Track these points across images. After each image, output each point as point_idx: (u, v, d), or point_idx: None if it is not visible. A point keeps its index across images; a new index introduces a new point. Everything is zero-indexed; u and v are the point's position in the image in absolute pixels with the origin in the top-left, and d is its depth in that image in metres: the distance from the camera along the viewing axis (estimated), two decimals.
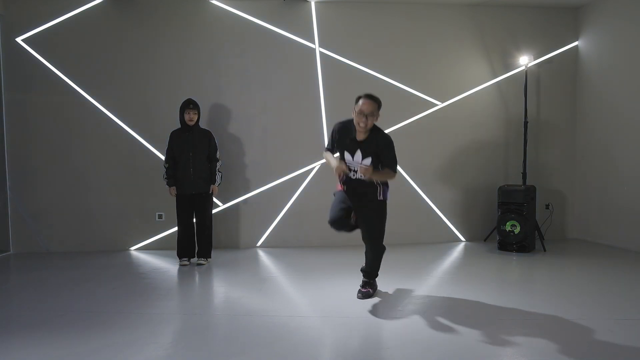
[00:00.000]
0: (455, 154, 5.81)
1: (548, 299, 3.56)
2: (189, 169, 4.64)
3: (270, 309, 3.40)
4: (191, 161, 4.64)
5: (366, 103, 3.28)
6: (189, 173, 4.64)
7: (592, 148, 5.77)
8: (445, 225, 5.86)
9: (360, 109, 3.27)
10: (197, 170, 4.67)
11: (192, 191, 4.68)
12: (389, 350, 2.69)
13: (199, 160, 4.67)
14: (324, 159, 3.67)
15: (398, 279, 4.12)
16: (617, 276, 4.19)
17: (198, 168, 4.67)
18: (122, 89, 5.39)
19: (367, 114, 3.26)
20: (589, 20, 5.78)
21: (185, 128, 4.68)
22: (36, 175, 5.35)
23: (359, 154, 3.36)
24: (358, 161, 3.36)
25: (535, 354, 2.60)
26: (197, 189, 4.69)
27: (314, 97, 5.60)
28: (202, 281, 4.22)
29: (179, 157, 4.66)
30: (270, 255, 5.23)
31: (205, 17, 5.46)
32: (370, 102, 3.30)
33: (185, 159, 4.64)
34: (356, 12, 5.62)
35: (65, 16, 5.29)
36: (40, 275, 4.39)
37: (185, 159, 4.64)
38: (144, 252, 5.37)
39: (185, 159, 4.64)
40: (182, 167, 4.65)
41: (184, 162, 4.64)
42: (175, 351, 2.68)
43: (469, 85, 5.80)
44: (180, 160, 4.66)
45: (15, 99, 5.29)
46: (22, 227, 5.36)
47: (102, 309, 3.41)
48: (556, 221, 5.94)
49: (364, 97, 3.31)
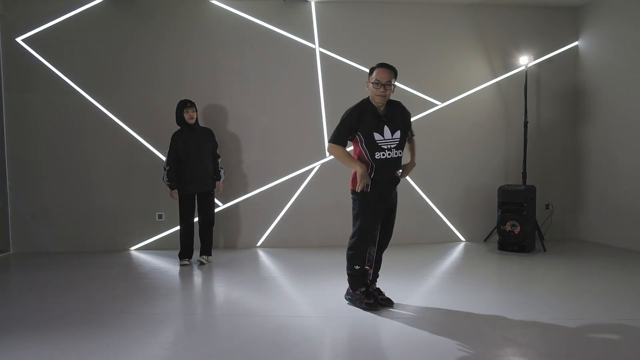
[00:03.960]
0: (455, 154, 5.80)
1: (548, 299, 3.56)
2: (196, 168, 4.62)
3: (270, 309, 3.40)
4: (198, 160, 4.63)
5: (382, 71, 3.11)
6: (197, 172, 4.63)
7: (592, 148, 5.76)
8: (445, 225, 5.85)
9: (377, 79, 3.10)
10: (205, 168, 4.68)
11: (200, 190, 4.69)
12: (389, 350, 2.69)
13: (206, 158, 4.68)
14: (336, 156, 3.24)
15: (398, 279, 4.12)
16: (617, 276, 4.18)
17: (205, 166, 4.68)
18: (122, 89, 5.39)
19: (385, 83, 3.09)
20: (589, 20, 5.78)
21: (187, 128, 4.65)
22: (36, 176, 5.35)
23: (387, 131, 3.16)
24: (389, 137, 3.15)
25: (535, 354, 2.60)
26: (205, 187, 4.70)
27: (314, 97, 5.60)
28: (202, 281, 4.23)
29: (186, 157, 4.61)
30: (270, 255, 5.23)
31: (205, 17, 5.46)
32: (387, 70, 3.13)
33: (193, 158, 4.61)
34: (356, 12, 5.62)
35: (66, 16, 5.29)
36: (40, 275, 4.39)
37: (193, 159, 4.61)
38: (144, 252, 5.37)
39: (193, 159, 4.61)
40: (190, 167, 4.61)
41: (191, 161, 4.61)
42: (175, 351, 2.68)
43: (469, 85, 5.80)
44: (187, 160, 4.62)
45: (15, 99, 5.29)
46: (22, 227, 5.36)
47: (102, 309, 3.41)
48: (556, 221, 5.94)
49: (378, 66, 3.14)
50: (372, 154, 3.16)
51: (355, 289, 3.30)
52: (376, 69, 3.15)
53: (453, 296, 3.65)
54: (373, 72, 3.16)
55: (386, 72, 3.12)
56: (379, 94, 3.11)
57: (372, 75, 3.16)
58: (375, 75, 3.12)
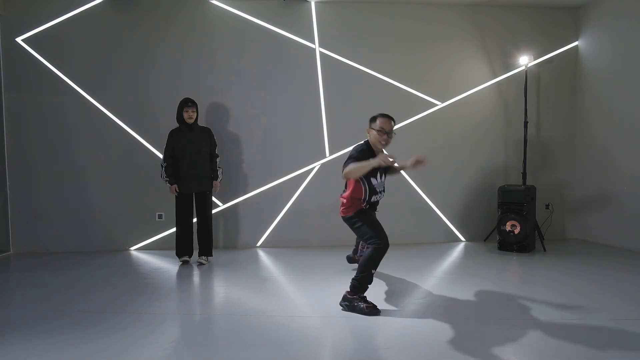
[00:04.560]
0: (455, 154, 5.80)
1: (548, 299, 3.56)
2: (192, 167, 4.62)
3: (270, 309, 3.40)
4: (194, 159, 4.63)
5: (386, 121, 3.35)
6: (192, 171, 4.62)
7: (592, 148, 5.77)
8: (445, 225, 5.86)
9: (382, 127, 3.33)
10: (201, 168, 4.66)
11: (195, 190, 4.69)
12: (389, 350, 2.69)
13: (202, 158, 4.67)
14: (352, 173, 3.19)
15: (398, 279, 4.12)
16: (617, 276, 4.19)
17: (201, 166, 4.67)
18: (122, 89, 5.39)
19: (388, 131, 3.33)
20: (589, 20, 5.78)
21: (185, 126, 4.66)
22: (36, 175, 5.35)
23: (380, 175, 3.45)
24: (381, 181, 3.47)
25: (535, 354, 2.60)
26: (201, 187, 4.69)
27: (314, 97, 5.60)
28: (202, 281, 4.22)
29: (181, 155, 4.63)
30: (270, 255, 5.23)
31: (205, 17, 5.46)
32: (389, 120, 3.37)
33: (189, 157, 4.62)
34: (356, 12, 5.62)
35: (65, 16, 5.29)
36: (40, 275, 4.39)
37: (188, 158, 4.61)
38: (144, 252, 5.37)
39: (189, 158, 4.62)
40: (185, 166, 4.62)
41: (187, 160, 4.62)
42: (175, 351, 2.68)
43: (469, 85, 5.80)
44: (182, 158, 4.62)
45: (15, 99, 5.29)
46: (22, 227, 5.36)
47: (102, 309, 3.41)
48: (556, 221, 5.94)
49: (381, 116, 3.37)
50: (370, 196, 3.40)
51: (357, 292, 3.30)
52: (379, 118, 3.36)
53: (453, 296, 3.65)
54: (376, 121, 3.36)
55: (389, 121, 3.36)
56: (383, 142, 3.34)
57: (376, 123, 3.36)
58: (380, 124, 3.34)
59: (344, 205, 3.45)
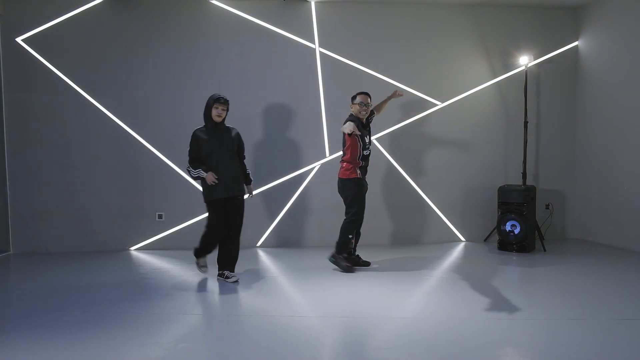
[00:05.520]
0: (455, 154, 5.80)
1: (548, 299, 3.56)
2: (222, 170, 4.02)
3: (270, 309, 3.40)
4: (224, 162, 4.05)
5: (364, 96, 4.43)
6: (222, 174, 4.01)
7: (592, 148, 5.77)
8: (445, 225, 5.85)
9: (361, 101, 4.40)
10: (232, 171, 4.09)
11: (227, 194, 4.05)
12: (389, 350, 2.69)
13: (233, 160, 4.12)
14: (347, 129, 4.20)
15: (398, 279, 4.12)
16: (617, 276, 4.19)
17: (232, 169, 4.10)
18: (122, 89, 5.39)
19: (366, 103, 4.41)
20: (589, 20, 5.78)
21: (212, 125, 4.09)
22: (36, 175, 5.35)
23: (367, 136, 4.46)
24: (367, 142, 4.45)
25: (535, 354, 2.60)
26: (231, 192, 4.08)
27: (314, 97, 5.60)
28: (202, 281, 4.22)
29: (208, 157, 4.03)
30: (270, 255, 5.23)
31: (205, 17, 5.46)
32: (366, 95, 4.44)
33: (218, 159, 4.02)
34: (356, 12, 5.62)
35: (65, 16, 5.29)
36: (40, 275, 4.40)
37: (217, 160, 4.02)
38: (144, 252, 5.37)
39: (218, 160, 4.02)
40: (213, 169, 4.01)
41: (216, 163, 4.02)
42: (175, 351, 2.68)
43: (469, 85, 5.80)
44: (209, 161, 4.03)
45: (15, 99, 5.29)
46: (22, 227, 5.36)
47: (102, 309, 3.41)
48: (556, 221, 5.94)
49: (359, 94, 4.44)
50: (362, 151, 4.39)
51: (341, 253, 4.40)
52: (359, 95, 4.43)
53: (453, 296, 3.65)
54: (357, 98, 4.42)
55: (366, 97, 4.43)
56: (363, 111, 4.42)
57: (357, 99, 4.42)
58: (360, 99, 4.41)
59: (345, 168, 4.37)
